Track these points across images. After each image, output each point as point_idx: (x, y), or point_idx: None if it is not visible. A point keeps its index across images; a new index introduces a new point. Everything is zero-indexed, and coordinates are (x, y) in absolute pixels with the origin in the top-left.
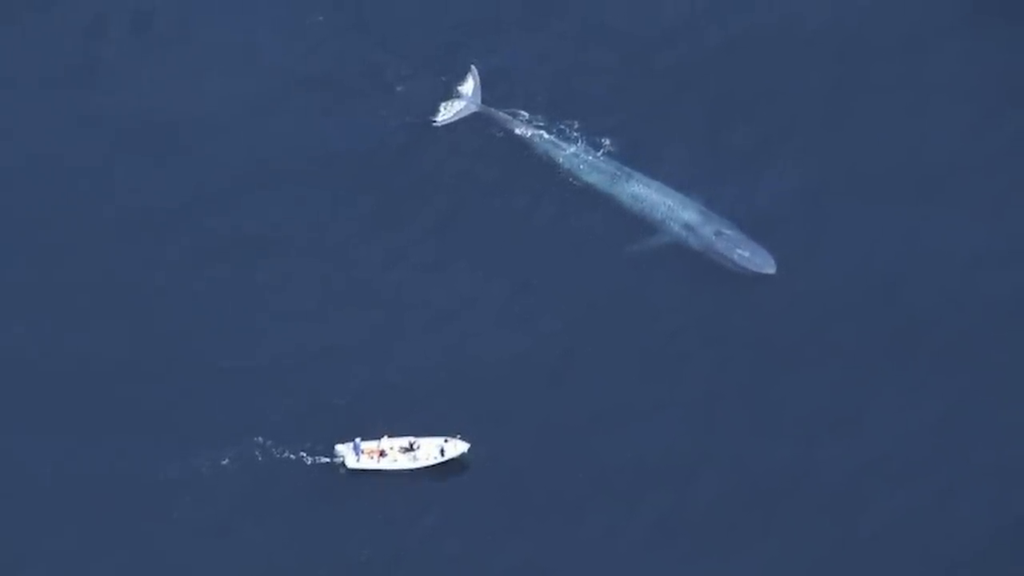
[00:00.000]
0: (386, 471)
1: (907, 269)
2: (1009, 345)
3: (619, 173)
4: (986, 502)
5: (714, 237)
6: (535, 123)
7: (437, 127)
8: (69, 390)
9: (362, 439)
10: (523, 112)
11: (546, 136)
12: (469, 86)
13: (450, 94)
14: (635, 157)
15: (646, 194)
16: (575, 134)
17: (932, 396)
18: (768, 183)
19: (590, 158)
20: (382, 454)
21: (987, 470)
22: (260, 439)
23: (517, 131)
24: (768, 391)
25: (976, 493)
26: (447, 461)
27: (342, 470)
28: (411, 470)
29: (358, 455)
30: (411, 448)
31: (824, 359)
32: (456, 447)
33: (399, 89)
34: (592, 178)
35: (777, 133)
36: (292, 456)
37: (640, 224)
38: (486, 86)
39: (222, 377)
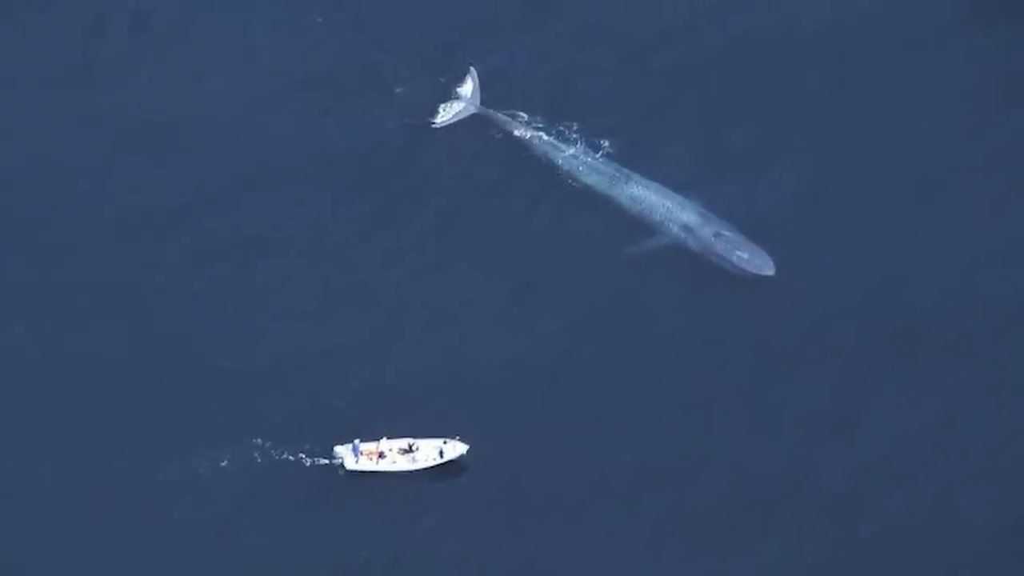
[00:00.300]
0: (385, 472)
1: (906, 270)
2: (1009, 345)
3: (618, 174)
4: (986, 502)
5: (713, 238)
6: (534, 124)
7: (436, 128)
8: (69, 390)
9: (361, 440)
10: (522, 113)
11: (545, 137)
12: (468, 87)
13: (449, 95)
14: (634, 158)
15: (645, 195)
16: (574, 135)
17: (932, 396)
18: (767, 184)
19: (589, 159)
20: (381, 455)
21: (987, 470)
22: (259, 440)
23: (516, 132)
24: (767, 392)
25: (976, 493)
26: (446, 462)
27: (341, 471)
28: (410, 471)
29: (357, 456)
30: (410, 449)
31: (823, 360)
32: (455, 448)
33: (398, 90)
34: (591, 179)
35: (776, 134)
36: (291, 457)
37: (639, 225)
38: (485, 87)
39: (221, 377)
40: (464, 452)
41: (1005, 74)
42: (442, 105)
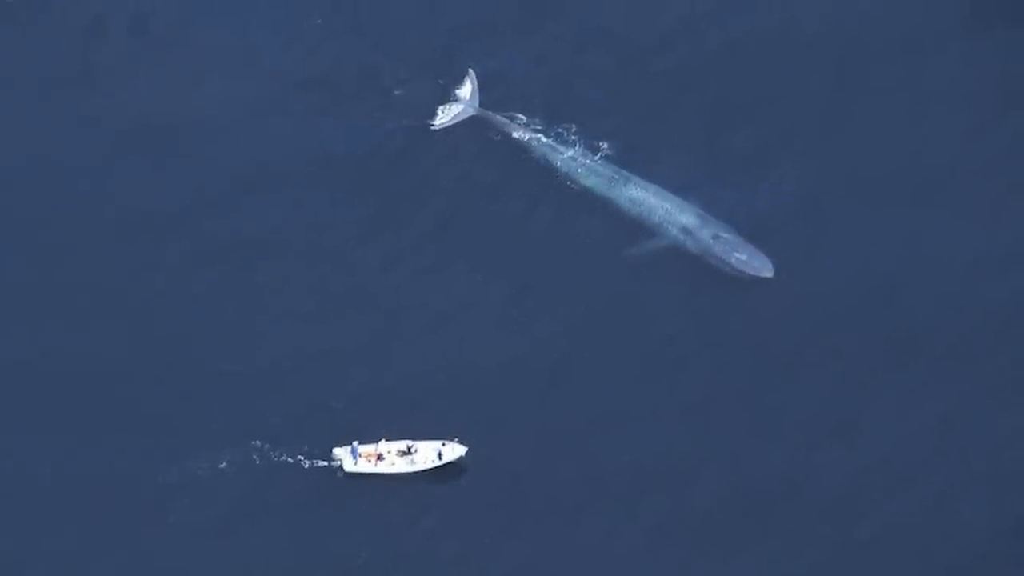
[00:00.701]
0: (384, 474)
1: (906, 272)
2: (1007, 349)
3: (617, 177)
4: (984, 506)
5: (712, 241)
6: (533, 127)
7: (435, 130)
8: (68, 392)
9: (360, 443)
10: (521, 116)
11: (544, 140)
12: (467, 90)
13: (448, 97)
14: (633, 160)
15: (644, 198)
16: (573, 137)
17: (931, 399)
18: (766, 187)
19: (588, 161)
20: (380, 458)
21: (985, 474)
22: (258, 442)
23: (515, 135)
24: (766, 395)
25: (974, 497)
26: (445, 464)
27: (340, 474)
28: (409, 473)
29: (356, 459)
30: (409, 451)
31: (822, 363)
32: (454, 450)
33: (397, 92)
34: (590, 182)
35: (776, 137)
36: (290, 460)
37: (638, 228)
38: (484, 89)
39: (220, 380)
40: (463, 454)
41: (1005, 77)
42: (441, 107)
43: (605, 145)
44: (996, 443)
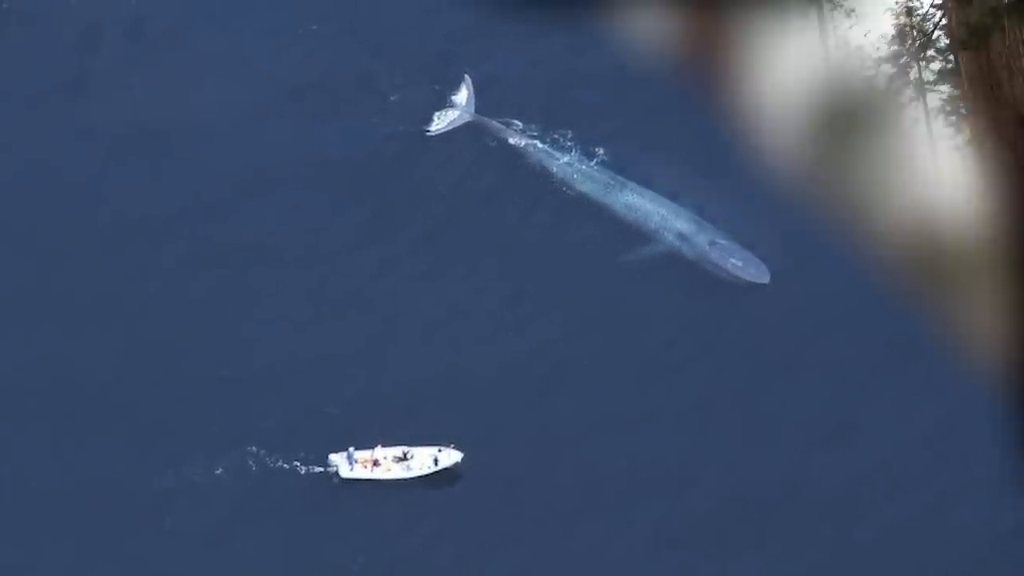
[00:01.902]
0: (380, 480)
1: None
2: (1005, 353)
3: (613, 182)
4: (984, 509)
5: (708, 247)
6: (529, 132)
7: (431, 136)
8: (63, 396)
9: (356, 448)
10: (516, 121)
11: (540, 145)
12: (462, 95)
13: (443, 103)
14: (629, 166)
15: (640, 203)
16: (569, 143)
17: (929, 403)
18: (763, 192)
19: (584, 167)
20: (376, 463)
21: (985, 477)
22: (253, 448)
23: (511, 140)
24: (764, 400)
25: (974, 500)
26: (441, 470)
27: (335, 479)
28: (405, 479)
29: (351, 464)
30: (405, 457)
31: (820, 368)
32: (450, 456)
33: (393, 98)
34: (586, 187)
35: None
36: (285, 465)
37: (634, 234)
38: (479, 95)
39: (216, 385)
40: (459, 460)
41: None
42: (437, 113)
43: (601, 150)
44: (995, 446)
